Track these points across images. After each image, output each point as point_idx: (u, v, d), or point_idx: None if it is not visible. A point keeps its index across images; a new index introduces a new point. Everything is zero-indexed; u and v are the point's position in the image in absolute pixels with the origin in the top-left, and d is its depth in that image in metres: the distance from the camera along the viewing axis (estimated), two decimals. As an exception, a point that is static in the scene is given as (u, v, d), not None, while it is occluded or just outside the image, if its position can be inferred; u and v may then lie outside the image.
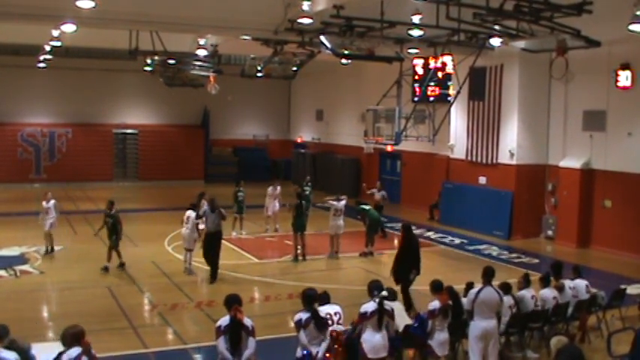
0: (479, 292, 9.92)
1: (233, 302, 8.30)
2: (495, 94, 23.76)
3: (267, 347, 11.94)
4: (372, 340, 9.08)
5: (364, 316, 9.11)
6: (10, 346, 7.65)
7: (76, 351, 7.20)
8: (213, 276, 16.59)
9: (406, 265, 14.04)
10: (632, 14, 13.42)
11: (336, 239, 19.64)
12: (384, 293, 9.38)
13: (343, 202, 19.76)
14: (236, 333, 8.09)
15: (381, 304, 9.18)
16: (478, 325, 9.87)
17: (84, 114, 36.74)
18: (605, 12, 15.47)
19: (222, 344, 8.06)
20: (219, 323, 8.17)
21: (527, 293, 11.81)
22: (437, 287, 10.09)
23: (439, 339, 9.86)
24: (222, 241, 20.73)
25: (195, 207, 17.61)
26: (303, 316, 8.86)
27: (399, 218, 26.95)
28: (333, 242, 19.66)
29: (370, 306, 9.16)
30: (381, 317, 9.13)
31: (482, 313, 9.87)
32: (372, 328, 9.11)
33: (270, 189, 23.15)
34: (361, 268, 18.73)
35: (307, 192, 21.55)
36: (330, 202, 19.91)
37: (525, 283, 12.01)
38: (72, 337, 7.36)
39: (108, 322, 13.19)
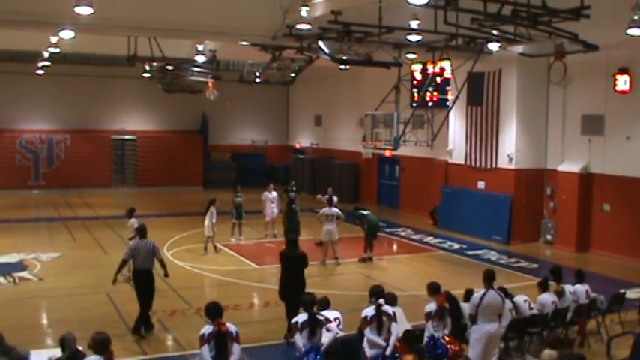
0: (483, 295, 9.90)
1: (215, 315, 8.30)
2: (494, 98, 23.78)
3: (267, 353, 11.99)
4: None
5: (365, 320, 9.18)
6: (6, 353, 7.65)
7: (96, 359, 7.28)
8: (143, 323, 12.93)
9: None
10: (630, 18, 13.45)
11: (331, 245, 19.38)
12: (381, 300, 9.44)
13: (336, 210, 19.62)
14: (221, 341, 8.09)
15: (378, 308, 9.24)
16: (482, 329, 9.86)
17: (82, 120, 36.75)
18: (603, 16, 15.49)
19: (206, 352, 8.05)
20: (202, 332, 8.16)
21: (518, 299, 11.78)
22: (434, 289, 10.15)
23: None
24: (220, 247, 20.89)
25: (132, 212, 16.58)
26: (300, 319, 8.93)
27: (398, 223, 27.03)
28: (326, 249, 19.44)
29: (370, 310, 9.24)
30: (381, 321, 9.17)
31: (486, 317, 9.86)
32: (373, 332, 9.17)
33: (265, 194, 23.15)
34: (360, 273, 18.73)
35: (292, 197, 21.55)
36: (322, 210, 19.68)
37: (505, 295, 11.67)
38: (98, 344, 7.40)
39: (107, 329, 12.85)
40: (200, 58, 24.50)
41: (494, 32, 16.88)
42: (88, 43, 22.49)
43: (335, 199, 20.30)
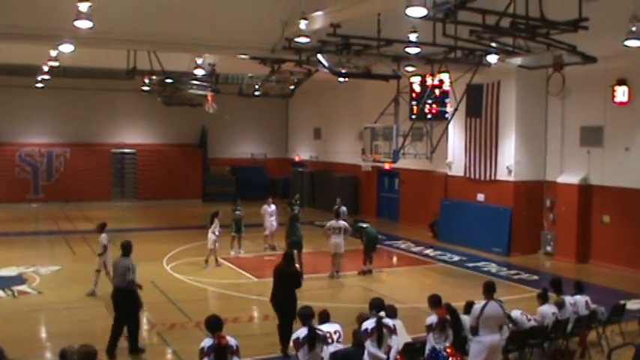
0: (484, 307, 9.87)
1: (215, 328, 8.28)
2: (492, 110, 23.81)
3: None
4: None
5: (365, 333, 9.14)
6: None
7: None
8: (130, 348, 12.48)
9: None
10: (628, 30, 13.49)
11: (336, 258, 19.37)
12: (382, 313, 9.40)
13: (343, 223, 19.61)
14: (221, 354, 8.05)
15: (379, 321, 9.20)
16: (484, 340, 9.81)
17: (82, 134, 36.81)
18: (601, 28, 15.52)
19: None
20: (202, 345, 8.11)
21: (515, 313, 11.76)
22: (435, 302, 10.12)
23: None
24: (221, 260, 20.81)
25: (104, 228, 16.55)
26: (301, 334, 8.86)
27: (398, 236, 26.99)
28: (334, 261, 19.42)
29: (370, 323, 9.20)
30: (381, 334, 9.13)
31: (488, 328, 9.82)
32: (373, 344, 9.12)
33: (264, 207, 23.15)
34: (360, 286, 18.67)
35: (296, 210, 21.42)
36: (329, 223, 19.60)
37: None
38: (84, 357, 7.35)
39: (106, 343, 13.09)
40: (199, 72, 24.53)
41: (493, 44, 16.91)
42: (87, 56, 22.51)
43: (343, 209, 20.21)
